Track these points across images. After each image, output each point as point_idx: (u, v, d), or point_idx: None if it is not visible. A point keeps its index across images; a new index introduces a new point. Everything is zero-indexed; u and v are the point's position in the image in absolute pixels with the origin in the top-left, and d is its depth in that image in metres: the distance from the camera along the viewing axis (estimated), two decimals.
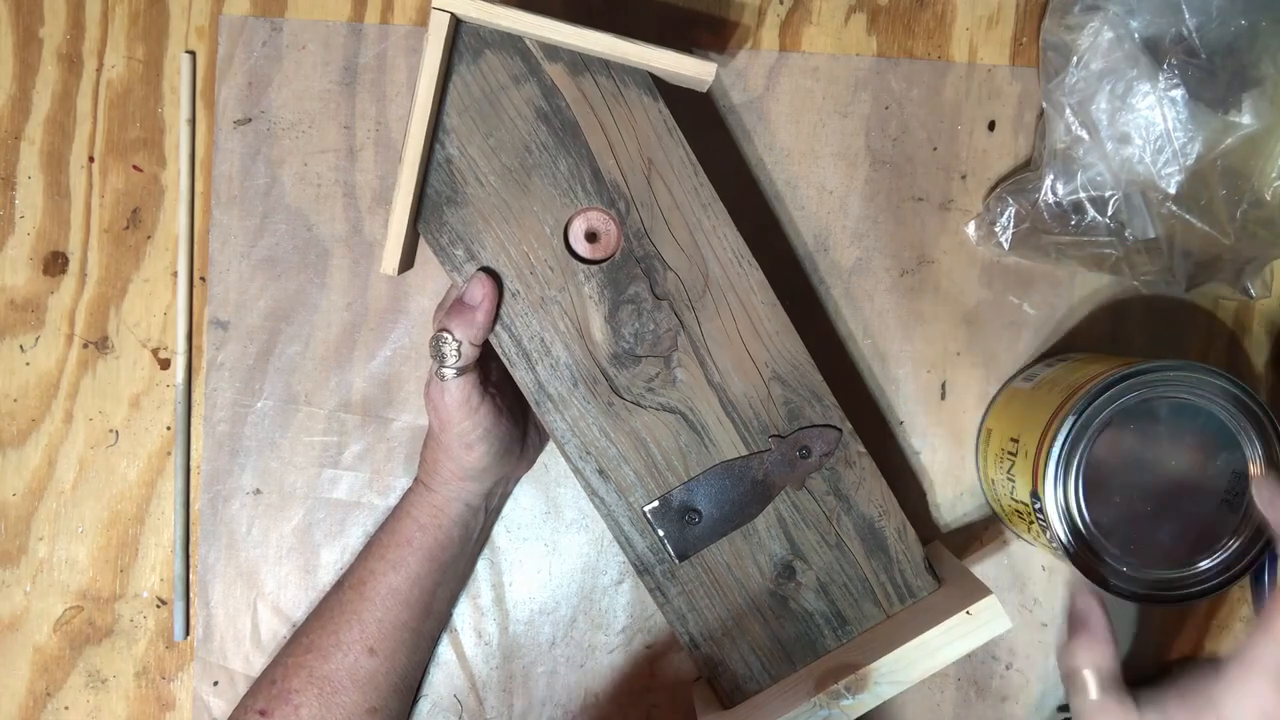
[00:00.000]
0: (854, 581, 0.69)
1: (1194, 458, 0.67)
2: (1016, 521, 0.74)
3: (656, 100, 0.65)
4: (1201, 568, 0.67)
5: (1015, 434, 0.72)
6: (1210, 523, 0.67)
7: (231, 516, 0.80)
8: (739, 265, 0.66)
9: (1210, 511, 0.67)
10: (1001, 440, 0.74)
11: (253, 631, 0.80)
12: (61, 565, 0.80)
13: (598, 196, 0.65)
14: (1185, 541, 0.67)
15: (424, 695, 0.80)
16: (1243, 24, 0.68)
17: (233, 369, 0.79)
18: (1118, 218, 0.72)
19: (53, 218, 0.79)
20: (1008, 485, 0.73)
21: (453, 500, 0.72)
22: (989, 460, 0.77)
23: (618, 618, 0.80)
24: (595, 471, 0.67)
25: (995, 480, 0.75)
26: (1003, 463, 0.73)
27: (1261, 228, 0.71)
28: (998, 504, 0.77)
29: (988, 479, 0.78)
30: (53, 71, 0.79)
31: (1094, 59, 0.71)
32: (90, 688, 0.80)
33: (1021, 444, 0.71)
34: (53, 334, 0.79)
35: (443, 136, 0.64)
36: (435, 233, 0.65)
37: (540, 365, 0.66)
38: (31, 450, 0.79)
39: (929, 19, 0.79)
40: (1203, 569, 0.67)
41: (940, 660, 0.66)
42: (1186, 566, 0.67)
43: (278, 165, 0.79)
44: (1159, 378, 0.66)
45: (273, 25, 0.79)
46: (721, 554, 0.68)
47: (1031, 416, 0.71)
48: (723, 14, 0.79)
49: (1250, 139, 0.69)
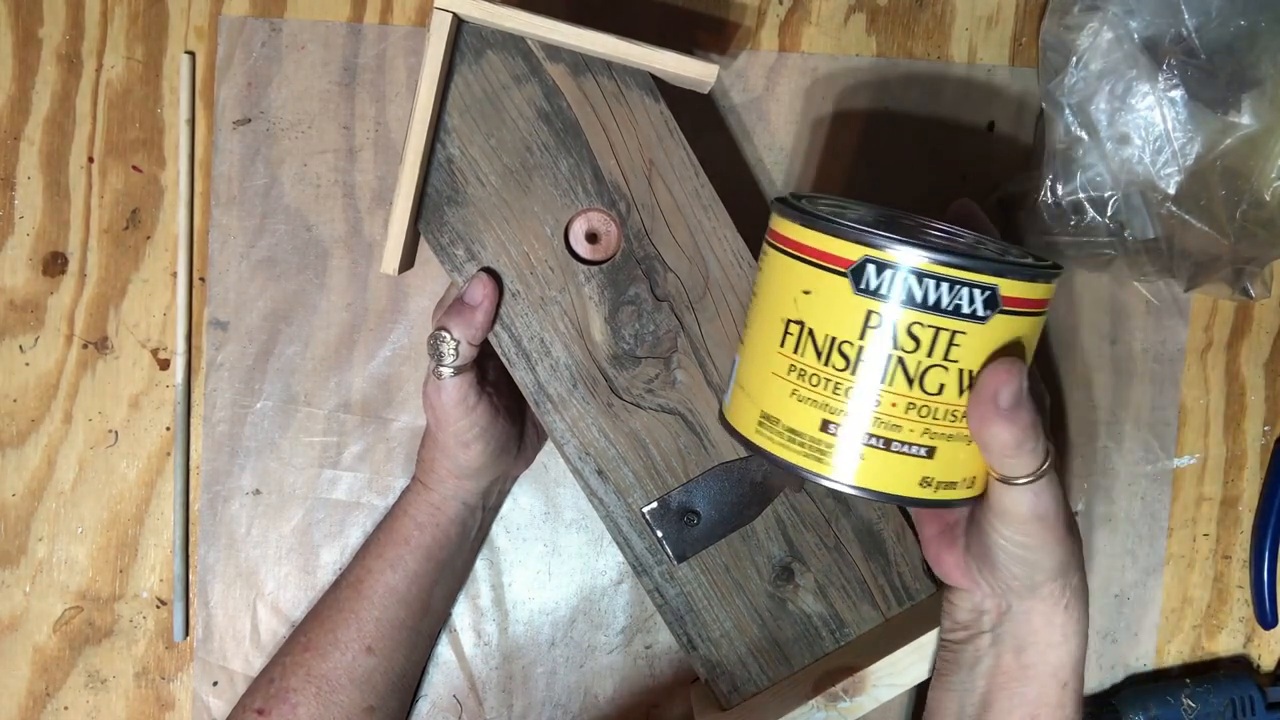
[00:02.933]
0: (852, 584, 0.69)
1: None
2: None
3: (658, 101, 0.65)
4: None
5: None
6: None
7: (231, 517, 0.80)
8: (740, 267, 0.66)
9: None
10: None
11: (252, 632, 0.80)
12: (61, 565, 0.80)
13: (598, 197, 0.65)
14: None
15: (424, 695, 0.80)
16: (1242, 24, 0.68)
17: (232, 369, 0.79)
18: (1117, 218, 0.72)
19: (52, 218, 0.79)
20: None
21: (450, 499, 0.72)
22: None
23: (617, 618, 0.80)
24: (594, 472, 0.67)
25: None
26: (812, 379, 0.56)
27: (1261, 228, 0.71)
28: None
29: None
30: (52, 72, 0.79)
31: (1093, 59, 0.71)
32: (90, 688, 0.80)
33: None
34: (52, 334, 0.79)
35: (444, 136, 0.64)
36: (436, 232, 0.65)
37: (540, 365, 0.66)
38: (31, 450, 0.79)
39: (928, 19, 0.79)
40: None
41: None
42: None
43: (277, 165, 0.79)
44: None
45: (272, 26, 0.79)
46: (720, 556, 0.68)
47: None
48: (722, 14, 0.79)
49: (1250, 139, 0.69)
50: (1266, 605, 0.80)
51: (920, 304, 0.51)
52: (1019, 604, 0.59)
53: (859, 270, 0.52)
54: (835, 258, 0.53)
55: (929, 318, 0.52)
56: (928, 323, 0.52)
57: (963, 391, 0.53)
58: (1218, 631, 0.81)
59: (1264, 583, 0.80)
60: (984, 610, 0.61)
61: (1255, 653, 0.82)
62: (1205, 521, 0.81)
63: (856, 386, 0.53)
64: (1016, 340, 0.53)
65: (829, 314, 0.53)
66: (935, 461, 0.54)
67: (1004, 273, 0.51)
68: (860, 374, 0.53)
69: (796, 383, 0.55)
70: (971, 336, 0.52)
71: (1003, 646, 0.60)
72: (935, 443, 0.54)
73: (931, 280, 0.51)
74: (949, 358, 0.52)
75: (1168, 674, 0.81)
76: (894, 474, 0.54)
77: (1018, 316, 0.53)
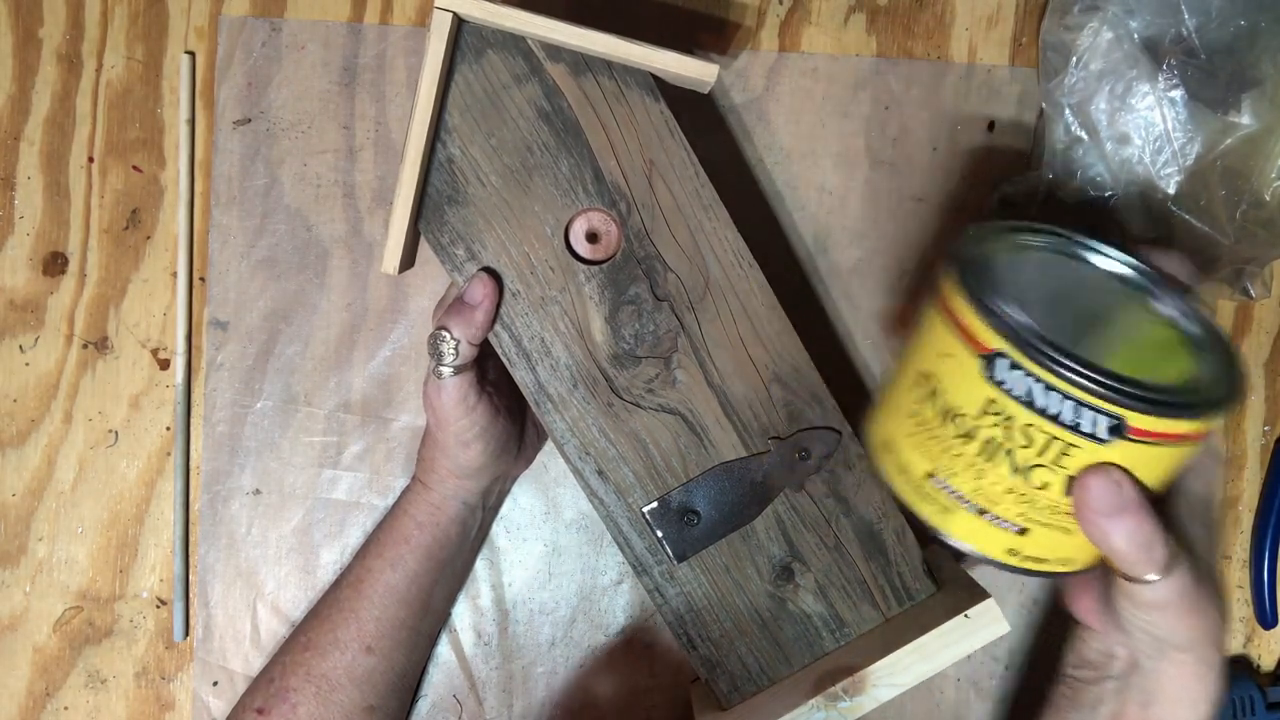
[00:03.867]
0: (852, 584, 0.69)
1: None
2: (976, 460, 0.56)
3: (658, 101, 0.65)
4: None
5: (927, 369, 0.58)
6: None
7: (231, 517, 0.80)
8: (740, 267, 0.66)
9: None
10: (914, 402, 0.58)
11: (252, 632, 0.80)
12: (61, 565, 0.80)
13: (599, 197, 0.65)
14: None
15: (424, 695, 0.80)
16: (1242, 24, 0.68)
17: (232, 369, 0.79)
18: (1117, 218, 0.72)
19: (52, 218, 0.79)
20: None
21: (450, 498, 0.72)
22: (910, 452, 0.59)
23: (617, 618, 0.80)
24: (594, 472, 0.67)
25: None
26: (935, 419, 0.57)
27: (1261, 228, 0.71)
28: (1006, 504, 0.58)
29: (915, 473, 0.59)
30: (52, 72, 0.79)
31: (1093, 59, 0.71)
32: (90, 688, 0.80)
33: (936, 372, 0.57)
34: (52, 334, 0.79)
35: (444, 136, 0.64)
36: (436, 232, 0.65)
37: (540, 365, 0.66)
38: (31, 450, 0.79)
39: (928, 19, 0.79)
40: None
41: (938, 664, 0.66)
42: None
43: (277, 165, 0.79)
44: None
45: (272, 26, 0.79)
46: (720, 555, 0.68)
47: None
48: (722, 14, 0.79)
49: (1250, 139, 0.69)
50: (1266, 605, 0.80)
51: (1041, 411, 0.50)
52: (1149, 662, 0.57)
53: (991, 360, 0.51)
54: (974, 339, 0.52)
55: (1047, 425, 0.50)
56: (1045, 429, 0.50)
57: (1068, 493, 0.52)
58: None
59: (1264, 583, 0.80)
60: (1114, 656, 0.59)
61: (1255, 653, 0.82)
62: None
63: (963, 457, 0.53)
64: (1142, 463, 0.51)
65: (956, 385, 0.53)
66: (1027, 539, 0.54)
67: (1135, 406, 0.49)
68: (969, 449, 0.53)
69: (915, 428, 0.55)
70: (1087, 453, 0.51)
71: (1128, 695, 0.58)
72: (1030, 525, 0.53)
73: (1057, 394, 0.49)
74: (1059, 464, 0.51)
75: None
76: (983, 537, 0.55)
77: (1148, 446, 0.50)
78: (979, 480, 0.53)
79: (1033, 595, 0.80)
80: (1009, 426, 0.51)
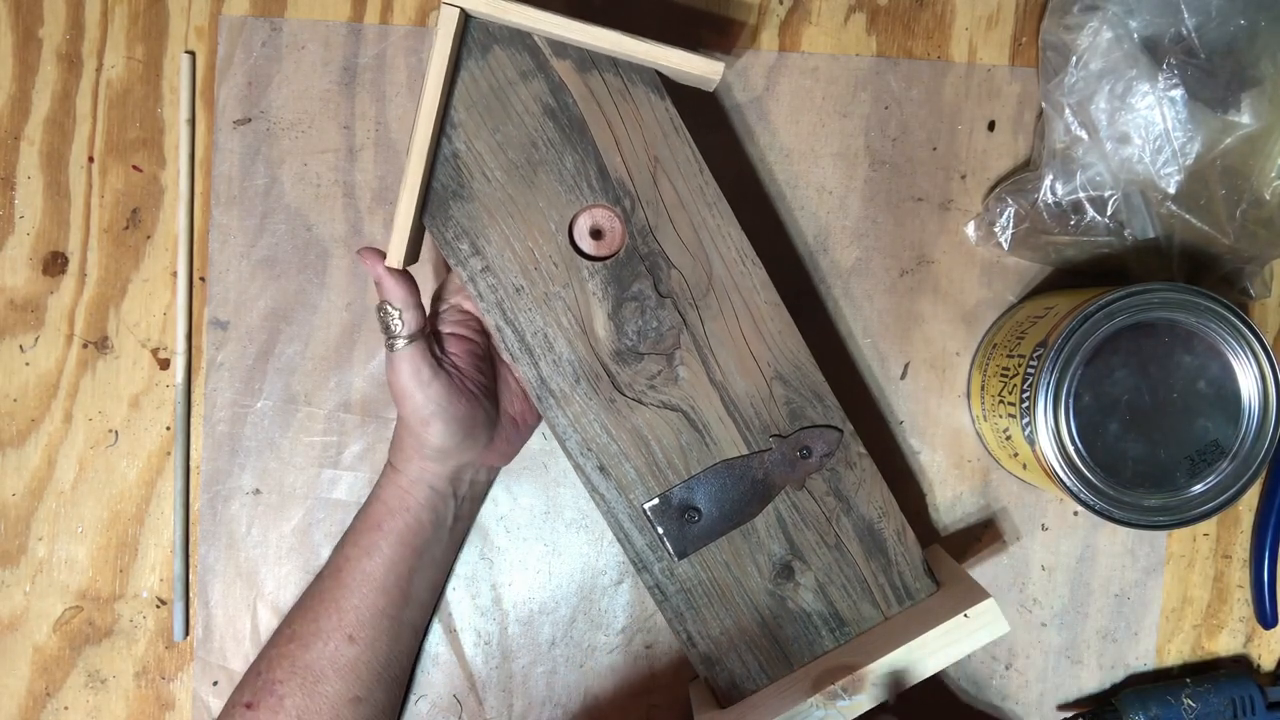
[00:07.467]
0: (852, 583, 0.69)
1: (1186, 380, 0.66)
2: (1010, 462, 0.74)
3: (664, 98, 0.65)
4: (1194, 492, 0.66)
5: (1006, 366, 0.72)
6: (1203, 448, 0.66)
7: (231, 516, 0.80)
8: (743, 264, 0.66)
9: (1203, 435, 0.66)
10: (995, 374, 0.74)
11: (252, 632, 0.80)
12: (61, 565, 0.79)
13: (603, 193, 0.65)
14: (1178, 466, 0.66)
15: (424, 695, 0.80)
16: (1242, 24, 0.69)
17: (232, 369, 0.79)
18: (1117, 218, 0.73)
19: (52, 218, 0.79)
20: (1000, 423, 0.73)
21: (417, 482, 0.72)
22: (983, 399, 0.76)
23: (617, 618, 0.80)
24: (596, 468, 0.67)
25: (988, 418, 0.75)
26: (995, 399, 0.73)
27: (1261, 228, 0.71)
28: (993, 443, 0.77)
29: (981, 421, 0.78)
30: (52, 71, 0.79)
31: (1093, 59, 0.71)
32: (90, 688, 0.80)
33: (1010, 377, 0.71)
34: (52, 334, 0.79)
35: (450, 131, 0.64)
36: (441, 227, 0.65)
37: (543, 361, 0.66)
38: (31, 450, 0.79)
39: (928, 19, 0.79)
40: (1196, 493, 0.66)
41: (937, 663, 0.66)
42: (1179, 491, 0.66)
43: (277, 165, 0.79)
44: (1144, 300, 0.65)
45: (272, 25, 0.79)
46: (720, 553, 0.68)
47: (1021, 349, 0.71)
48: (723, 13, 0.79)
49: (1250, 139, 0.69)
50: (1266, 605, 0.80)
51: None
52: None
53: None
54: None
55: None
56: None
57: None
58: (1218, 631, 0.81)
59: (1264, 582, 0.80)
60: None
61: (1255, 652, 0.82)
62: (1205, 521, 0.81)
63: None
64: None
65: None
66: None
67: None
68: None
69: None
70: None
71: None
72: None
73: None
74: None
75: (1168, 674, 0.81)
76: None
77: None
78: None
79: (1033, 595, 0.80)
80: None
